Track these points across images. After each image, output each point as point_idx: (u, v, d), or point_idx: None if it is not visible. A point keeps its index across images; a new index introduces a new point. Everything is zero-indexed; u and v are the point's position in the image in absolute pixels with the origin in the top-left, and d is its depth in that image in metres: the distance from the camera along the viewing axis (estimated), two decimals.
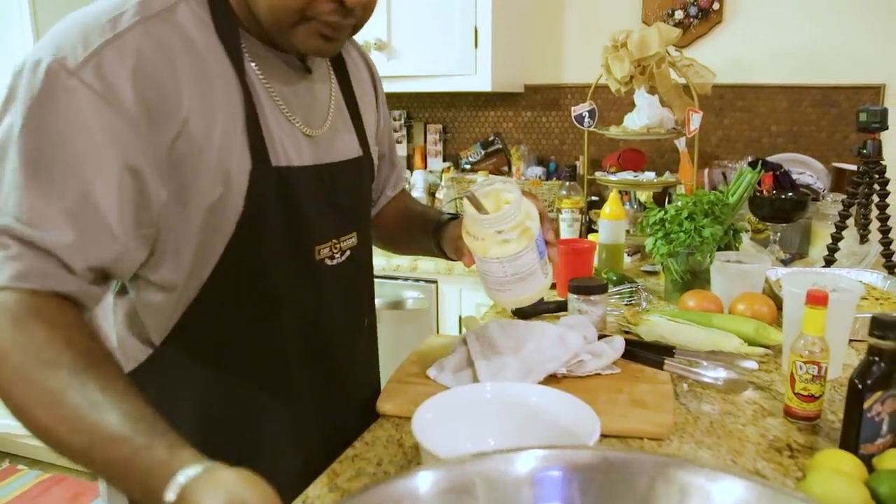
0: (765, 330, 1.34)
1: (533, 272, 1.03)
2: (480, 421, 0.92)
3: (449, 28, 2.50)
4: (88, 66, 0.76)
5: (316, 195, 0.99)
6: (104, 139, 0.77)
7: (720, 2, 2.52)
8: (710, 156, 2.60)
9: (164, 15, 0.83)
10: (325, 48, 0.90)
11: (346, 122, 1.08)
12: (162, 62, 0.81)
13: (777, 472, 0.91)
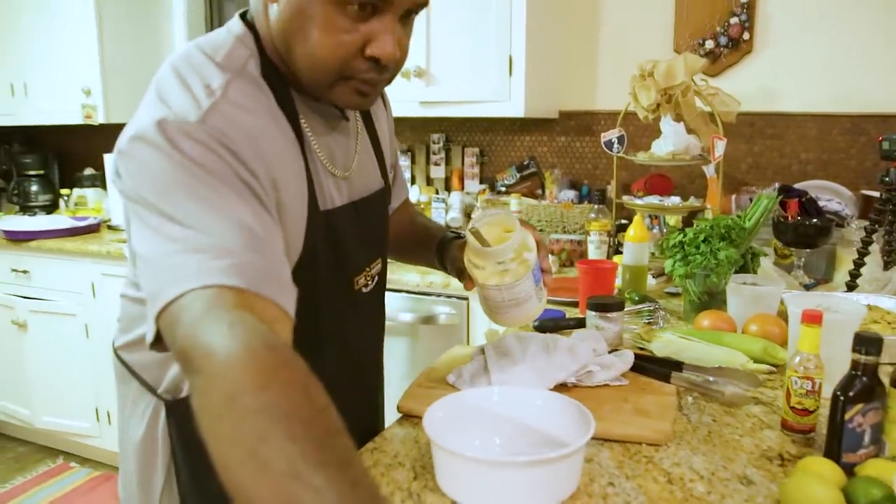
0: (773, 349, 1.40)
1: (528, 298, 1.13)
2: (488, 421, 1.01)
3: (484, 57, 2.62)
4: (212, 114, 0.82)
5: (353, 230, 1.06)
6: (232, 188, 0.80)
7: (750, 32, 2.58)
8: (739, 182, 2.65)
9: (244, 71, 0.90)
10: (362, 103, 0.95)
11: (371, 157, 1.16)
12: (250, 118, 0.87)
13: (764, 479, 0.98)
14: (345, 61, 0.88)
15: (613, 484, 0.96)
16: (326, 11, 0.85)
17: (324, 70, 0.89)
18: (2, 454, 3.53)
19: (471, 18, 2.62)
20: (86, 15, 3.30)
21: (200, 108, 0.82)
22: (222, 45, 0.92)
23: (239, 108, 0.86)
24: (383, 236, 1.20)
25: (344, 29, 0.86)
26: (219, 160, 0.80)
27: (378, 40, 0.87)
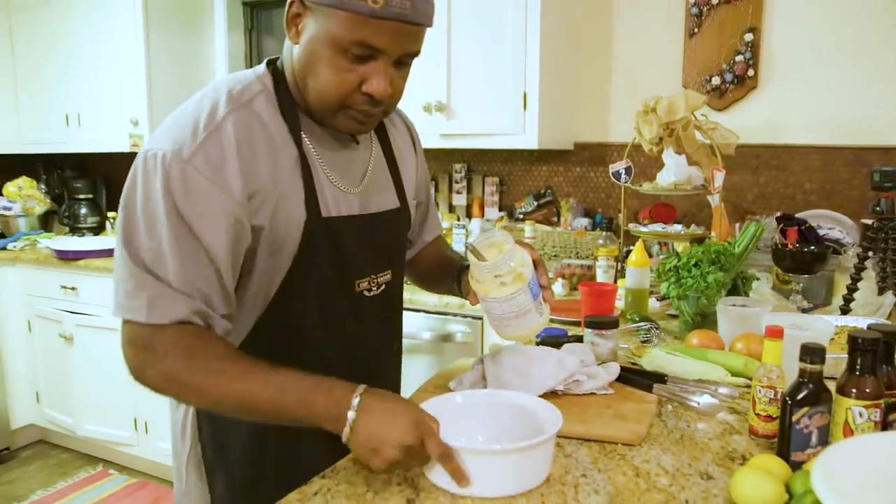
0: (752, 364, 1.52)
1: (528, 311, 1.25)
2: (474, 420, 1.14)
3: (501, 92, 2.79)
4: (198, 155, 1.04)
5: (357, 239, 1.24)
6: (217, 213, 1.05)
7: (755, 69, 2.72)
8: (745, 211, 2.77)
9: (248, 105, 1.12)
10: (359, 129, 1.17)
11: (386, 180, 1.33)
12: (248, 144, 1.09)
13: (723, 475, 1.09)
14: (345, 94, 1.09)
15: (586, 475, 1.09)
16: (332, 55, 1.06)
17: (328, 100, 1.10)
18: (46, 460, 3.73)
19: (488, 57, 2.80)
20: (136, 51, 3.54)
21: (196, 140, 1.05)
22: (241, 81, 1.15)
23: (232, 135, 1.07)
24: (395, 251, 1.36)
25: (346, 69, 1.06)
26: (198, 193, 1.04)
27: (372, 80, 1.07)
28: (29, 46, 3.88)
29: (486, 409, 1.16)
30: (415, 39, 1.08)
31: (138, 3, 3.49)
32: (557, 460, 1.14)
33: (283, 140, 1.14)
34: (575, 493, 1.04)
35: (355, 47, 1.04)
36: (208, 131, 1.06)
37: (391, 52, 1.06)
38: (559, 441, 1.22)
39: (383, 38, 1.03)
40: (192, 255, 1.04)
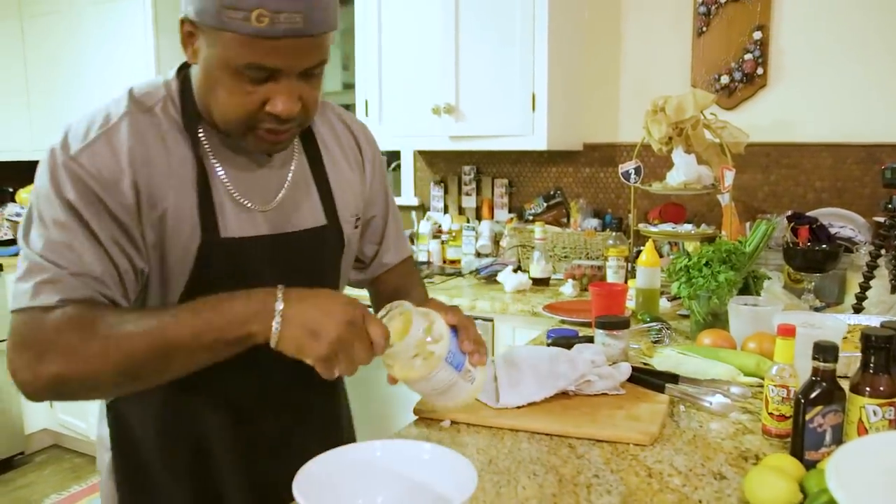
0: (765, 364, 1.51)
1: (451, 385, 1.08)
2: (372, 477, 0.95)
3: (509, 94, 2.79)
4: (84, 153, 1.00)
5: (268, 262, 1.14)
6: (90, 212, 0.99)
7: (764, 67, 2.71)
8: (756, 210, 2.76)
9: (149, 111, 1.06)
10: (271, 149, 1.09)
11: (308, 195, 1.21)
12: (142, 151, 1.03)
13: (737, 475, 1.09)
14: (248, 117, 1.01)
15: (598, 476, 1.09)
16: (228, 78, 0.98)
17: (233, 124, 1.03)
18: (60, 464, 3.75)
19: (496, 58, 2.80)
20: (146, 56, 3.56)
21: (86, 139, 1.01)
22: (148, 86, 1.10)
23: (125, 138, 1.02)
24: (321, 273, 1.24)
25: (244, 91, 0.99)
26: (81, 189, 0.99)
27: (275, 100, 0.99)
28: (41, 52, 3.91)
29: (385, 464, 0.96)
30: (316, 50, 0.99)
31: (148, 9, 3.51)
32: (570, 461, 1.14)
33: (182, 152, 1.07)
34: (587, 493, 1.03)
35: (249, 70, 0.96)
36: (101, 131, 1.02)
37: (290, 69, 0.98)
38: (571, 442, 1.22)
39: (277, 57, 0.95)
40: (81, 244, 0.98)
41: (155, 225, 1.05)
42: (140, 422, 1.19)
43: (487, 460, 1.15)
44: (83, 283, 0.98)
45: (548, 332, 1.84)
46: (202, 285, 1.06)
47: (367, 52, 3.10)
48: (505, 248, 3.03)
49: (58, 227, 0.98)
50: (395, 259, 1.44)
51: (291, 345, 0.94)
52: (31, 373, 0.94)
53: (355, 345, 0.94)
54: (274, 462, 1.20)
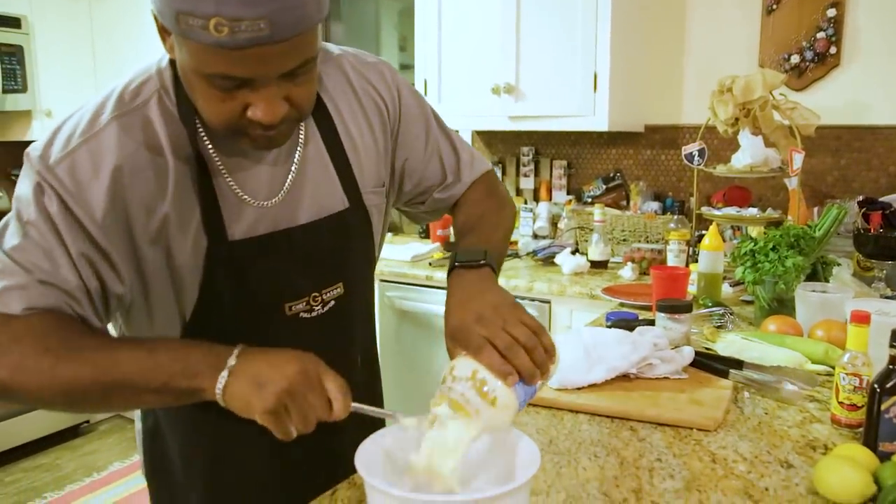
0: (834, 352, 1.47)
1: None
2: None
3: (571, 73, 2.75)
4: (63, 164, 0.90)
5: (283, 259, 1.05)
6: (65, 226, 0.90)
7: (837, 46, 2.61)
8: (824, 195, 2.67)
9: (137, 110, 0.95)
10: (266, 148, 0.98)
11: (326, 179, 1.10)
12: (131, 159, 0.93)
13: (804, 464, 1.07)
14: (230, 122, 0.90)
15: (660, 460, 1.08)
16: (201, 85, 0.87)
17: (219, 129, 0.92)
18: (122, 433, 3.87)
19: (558, 37, 2.76)
20: None
21: (68, 146, 0.91)
22: (138, 77, 0.99)
23: (112, 146, 0.92)
24: (346, 260, 1.15)
25: (220, 98, 0.87)
26: (54, 203, 0.90)
27: (253, 106, 0.87)
28: (108, 35, 3.98)
29: None
30: (293, 53, 0.85)
31: None
32: (631, 444, 1.13)
33: (179, 152, 0.97)
34: (650, 476, 1.02)
35: (218, 79, 0.85)
36: (84, 138, 0.92)
37: (262, 77, 0.85)
38: (632, 425, 1.20)
39: (246, 67, 0.83)
40: (55, 254, 0.91)
41: (155, 234, 0.97)
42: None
43: (548, 440, 1.14)
44: (51, 293, 0.90)
45: (607, 315, 1.82)
46: (216, 294, 1.02)
47: (426, 32, 3.08)
48: (563, 231, 2.99)
49: (34, 233, 0.90)
50: (448, 194, 1.29)
51: (237, 399, 0.84)
52: None
53: (307, 396, 0.84)
54: (295, 443, 1.17)
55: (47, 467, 3.48)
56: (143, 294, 1.01)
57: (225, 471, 1.16)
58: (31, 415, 3.58)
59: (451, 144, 1.29)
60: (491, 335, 0.90)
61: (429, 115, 1.26)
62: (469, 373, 0.88)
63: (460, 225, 1.24)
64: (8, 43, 3.62)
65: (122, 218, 0.94)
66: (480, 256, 1.05)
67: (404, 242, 3.25)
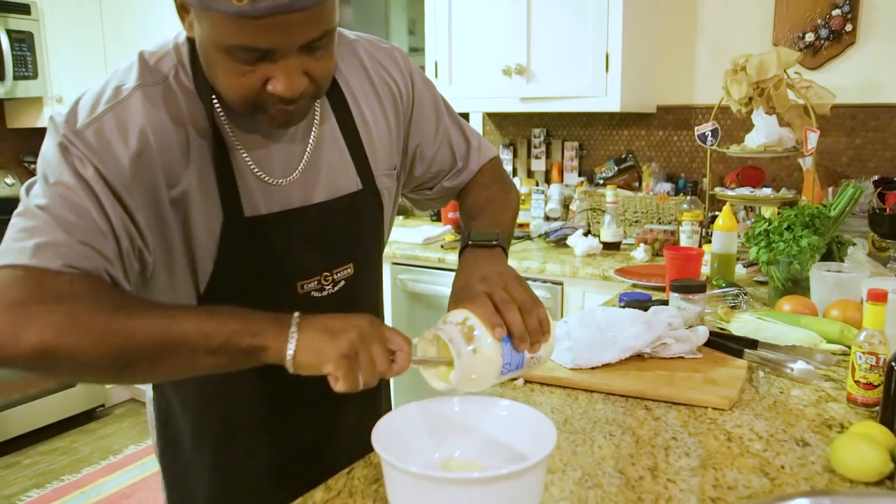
0: (850, 332, 1.46)
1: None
2: (449, 432, 0.95)
3: (582, 54, 2.73)
4: (90, 129, 0.90)
5: (296, 237, 1.06)
6: (98, 187, 0.89)
7: (853, 23, 2.57)
8: (839, 174, 2.65)
9: (160, 83, 0.96)
10: (286, 124, 0.98)
11: (339, 159, 1.11)
12: (155, 128, 0.93)
13: (820, 442, 1.06)
14: (250, 98, 0.90)
15: (676, 438, 1.08)
16: (222, 59, 0.88)
17: (238, 104, 0.93)
18: (137, 417, 3.90)
19: (569, 17, 2.74)
20: None
21: (94, 112, 0.91)
22: (158, 51, 0.99)
23: (138, 114, 0.93)
24: (357, 240, 1.16)
25: (241, 72, 0.88)
26: (84, 166, 0.89)
27: (274, 79, 0.88)
28: (117, 21, 3.96)
29: (462, 419, 0.96)
30: (313, 23, 0.86)
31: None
32: (646, 423, 1.13)
33: (198, 126, 0.98)
34: (665, 455, 1.02)
35: (238, 51, 0.86)
36: (110, 104, 0.92)
37: (284, 48, 0.86)
38: (647, 404, 1.20)
39: (266, 37, 0.84)
40: (91, 215, 0.89)
41: (178, 204, 0.97)
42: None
43: (563, 419, 1.14)
44: (90, 254, 0.88)
45: (620, 296, 1.82)
46: (230, 268, 1.02)
47: (437, 13, 3.07)
48: (575, 212, 2.99)
49: (67, 194, 0.88)
50: (457, 182, 1.31)
51: (308, 350, 0.84)
52: (14, 336, 0.81)
53: (374, 346, 0.85)
54: (303, 424, 1.19)
55: (64, 450, 3.52)
56: (167, 265, 1.01)
57: (234, 452, 1.17)
58: (48, 398, 3.62)
59: (461, 131, 1.30)
60: (489, 290, 0.93)
61: (439, 102, 1.28)
62: (460, 318, 0.91)
63: (469, 207, 1.26)
64: (18, 29, 3.62)
65: (148, 183, 0.94)
66: (493, 237, 1.08)
67: (416, 225, 3.25)
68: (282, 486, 1.11)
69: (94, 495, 3.09)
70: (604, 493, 0.92)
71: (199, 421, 1.17)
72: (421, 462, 0.88)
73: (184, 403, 1.17)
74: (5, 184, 3.92)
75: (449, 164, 1.29)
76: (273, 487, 1.16)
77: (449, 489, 0.79)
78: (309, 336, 0.84)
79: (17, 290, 0.83)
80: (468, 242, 1.08)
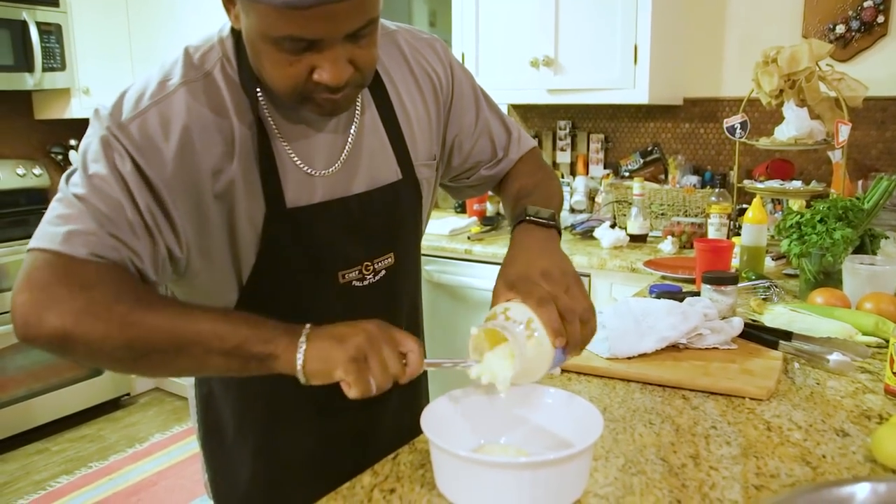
0: (885, 324, 1.46)
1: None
2: (495, 419, 0.96)
3: (610, 46, 2.72)
4: (134, 123, 0.92)
5: (338, 227, 1.07)
6: (135, 183, 0.91)
7: (885, 15, 2.55)
8: (869, 168, 2.63)
9: (204, 77, 0.98)
10: (332, 113, 0.99)
11: (381, 149, 1.12)
12: (199, 123, 0.95)
13: (860, 432, 1.06)
14: (297, 88, 0.92)
15: (715, 427, 1.08)
16: (269, 49, 0.89)
17: (285, 94, 0.94)
18: (162, 406, 3.95)
19: (597, 9, 2.73)
20: None
21: (138, 107, 0.93)
22: (202, 46, 1.01)
23: (181, 109, 0.94)
24: (398, 229, 1.17)
25: (288, 62, 0.89)
26: (124, 161, 0.91)
27: (320, 68, 0.90)
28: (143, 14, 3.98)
29: (508, 407, 0.97)
30: (358, 12, 0.87)
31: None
32: (685, 412, 1.14)
33: (243, 119, 0.99)
34: (706, 443, 1.03)
35: (286, 42, 0.87)
36: (154, 100, 0.94)
37: (329, 37, 0.87)
38: (684, 394, 1.21)
39: (313, 27, 0.85)
40: (125, 209, 0.91)
41: (223, 196, 0.99)
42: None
43: (602, 408, 1.15)
44: (118, 247, 0.90)
45: (650, 288, 1.82)
46: (272, 260, 1.04)
47: (464, 5, 3.07)
48: (601, 204, 2.99)
49: (104, 186, 0.91)
50: (496, 171, 1.31)
51: (317, 357, 0.86)
52: (37, 316, 0.85)
53: (383, 349, 0.86)
54: (346, 411, 1.17)
55: (91, 438, 3.57)
56: (207, 259, 1.02)
57: (276, 439, 1.19)
58: (75, 387, 3.67)
59: (501, 121, 1.31)
60: (556, 295, 0.92)
61: (478, 93, 1.29)
62: (525, 319, 0.91)
63: (516, 191, 1.25)
64: (47, 21, 3.66)
65: (189, 179, 0.95)
66: (550, 216, 1.09)
67: (441, 217, 3.26)
68: (324, 471, 1.13)
69: (121, 482, 3.14)
70: (648, 479, 0.93)
71: (241, 408, 1.19)
72: (468, 448, 0.89)
73: (226, 390, 1.19)
74: (33, 174, 3.98)
75: (489, 154, 1.30)
76: (315, 472, 1.17)
77: (500, 473, 0.80)
78: (317, 344, 0.86)
79: (45, 273, 0.87)
80: (525, 217, 1.08)
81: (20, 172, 3.94)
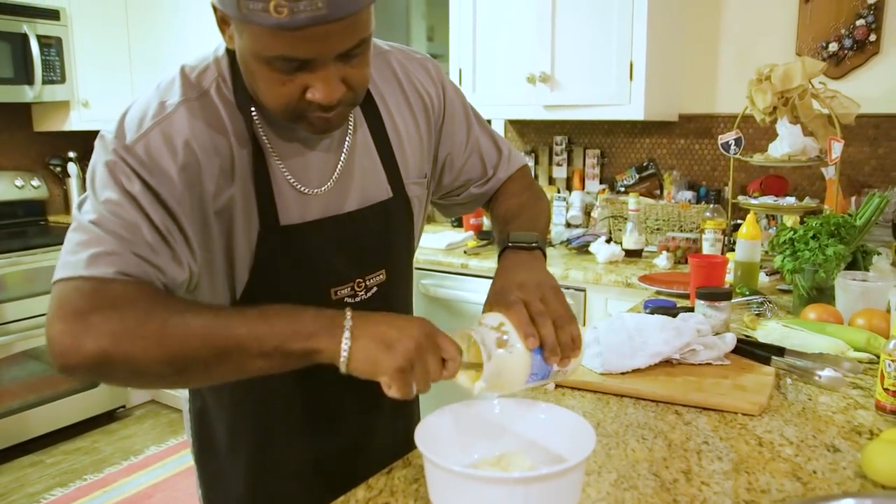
0: (876, 340, 1.47)
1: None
2: (489, 434, 0.97)
3: (606, 62, 2.75)
4: (139, 143, 0.93)
5: (330, 244, 1.09)
6: (147, 201, 0.92)
7: (877, 33, 2.58)
8: (862, 184, 2.65)
9: (202, 96, 0.99)
10: (325, 132, 1.00)
11: (373, 167, 1.14)
12: (199, 141, 0.96)
13: (851, 448, 1.07)
14: (290, 107, 0.93)
15: (707, 443, 1.09)
16: (261, 69, 0.90)
17: (279, 113, 0.95)
18: (157, 418, 3.94)
19: (593, 26, 2.76)
20: None
21: (141, 128, 0.94)
22: (198, 65, 1.02)
23: (183, 127, 0.96)
24: (389, 247, 1.18)
25: (280, 81, 0.90)
26: (133, 183, 0.92)
27: (313, 87, 0.90)
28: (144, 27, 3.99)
29: (502, 421, 0.99)
30: (349, 32, 0.88)
31: None
32: (678, 427, 1.15)
33: (238, 138, 1.01)
34: (698, 458, 1.04)
35: (278, 62, 0.88)
36: (156, 120, 0.95)
37: (321, 57, 0.88)
38: (677, 409, 1.22)
39: (304, 48, 0.86)
40: (142, 228, 0.92)
41: (222, 214, 1.00)
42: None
43: (595, 423, 1.16)
44: (141, 264, 0.90)
45: (645, 303, 1.83)
46: (265, 277, 1.05)
47: (461, 21, 3.10)
48: (596, 220, 3.00)
49: (118, 210, 0.91)
50: (500, 177, 1.33)
51: (363, 359, 0.86)
52: (75, 343, 0.84)
53: (428, 358, 0.87)
54: (338, 426, 1.21)
55: (86, 450, 3.56)
56: (209, 274, 1.04)
57: (269, 453, 1.19)
58: (70, 399, 3.66)
59: (491, 140, 1.33)
60: (527, 299, 0.95)
61: (469, 112, 1.30)
62: (496, 323, 0.93)
63: (503, 213, 1.27)
64: (47, 35, 3.68)
65: (195, 194, 0.97)
66: (533, 239, 1.10)
67: (438, 231, 3.27)
68: (316, 487, 1.14)
69: (116, 495, 3.13)
70: (640, 494, 0.94)
71: (234, 422, 1.19)
72: (462, 463, 0.90)
73: (219, 405, 1.20)
74: (31, 186, 3.99)
75: (479, 172, 1.31)
76: (308, 488, 1.18)
77: (493, 488, 0.81)
78: (364, 345, 0.86)
79: (75, 301, 0.86)
80: (508, 244, 1.10)
81: (19, 184, 3.95)
